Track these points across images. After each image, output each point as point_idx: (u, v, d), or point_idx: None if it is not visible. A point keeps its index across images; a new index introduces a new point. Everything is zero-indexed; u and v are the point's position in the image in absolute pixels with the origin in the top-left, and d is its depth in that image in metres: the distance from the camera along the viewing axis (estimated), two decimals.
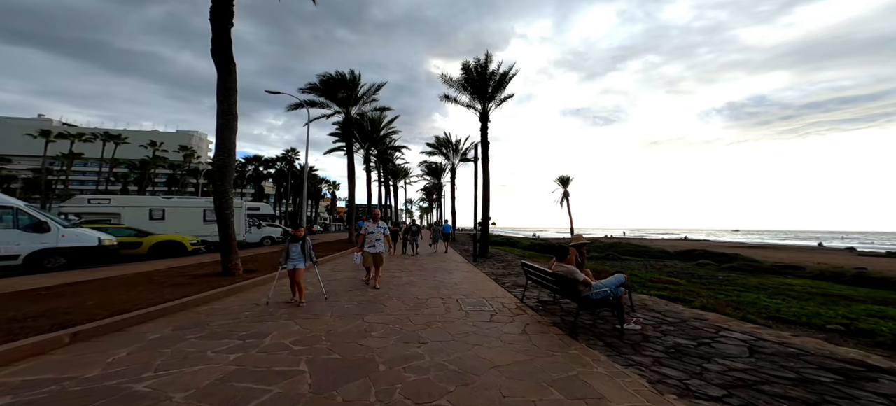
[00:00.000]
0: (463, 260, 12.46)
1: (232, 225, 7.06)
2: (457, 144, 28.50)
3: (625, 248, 23.48)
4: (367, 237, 6.58)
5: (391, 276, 8.21)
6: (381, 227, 6.67)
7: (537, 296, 6.23)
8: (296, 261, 5.17)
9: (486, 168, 15.51)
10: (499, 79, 16.29)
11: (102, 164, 46.58)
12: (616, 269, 15.36)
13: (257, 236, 16.28)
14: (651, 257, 20.35)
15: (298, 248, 5.22)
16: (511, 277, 8.39)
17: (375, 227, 6.63)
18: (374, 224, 6.63)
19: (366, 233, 6.62)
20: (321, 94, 20.48)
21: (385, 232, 6.68)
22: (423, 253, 14.82)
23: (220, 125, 7.22)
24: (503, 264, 11.29)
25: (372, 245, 6.56)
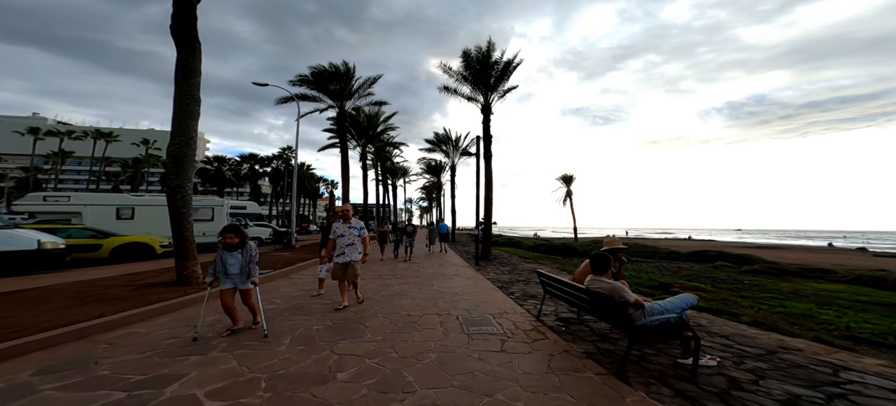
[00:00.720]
0: (463, 263, 11.35)
1: (189, 225, 5.94)
2: (457, 141, 27.37)
3: (633, 248, 22.36)
4: (337, 242, 4.96)
5: (381, 284, 7.09)
6: (354, 227, 5.03)
7: (555, 310, 5.11)
8: (234, 279, 3.65)
9: (488, 164, 14.40)
10: (502, 69, 15.17)
11: (94, 163, 45.45)
12: (625, 273, 14.21)
13: None
14: (662, 259, 19.27)
15: (237, 260, 3.66)
16: (519, 285, 7.27)
17: (347, 229, 4.97)
18: (344, 225, 5.01)
19: (335, 236, 4.98)
20: (313, 86, 19.38)
21: (361, 234, 5.05)
22: (419, 255, 13.70)
23: (177, 109, 6.11)
24: (508, 268, 10.18)
25: (341, 252, 4.92)
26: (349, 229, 5.02)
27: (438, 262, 11.29)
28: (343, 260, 4.95)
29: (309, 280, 7.53)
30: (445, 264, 10.86)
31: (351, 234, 5.00)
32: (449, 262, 11.32)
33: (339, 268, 4.99)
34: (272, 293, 5.98)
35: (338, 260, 4.96)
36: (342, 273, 4.98)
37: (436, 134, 27.80)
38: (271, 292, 6.05)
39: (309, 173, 58.05)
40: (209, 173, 45.83)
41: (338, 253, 4.96)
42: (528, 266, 10.72)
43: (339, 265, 4.97)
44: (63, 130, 42.11)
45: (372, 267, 9.59)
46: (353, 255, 4.97)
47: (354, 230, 5.03)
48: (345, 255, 4.94)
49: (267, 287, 6.58)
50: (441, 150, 28.46)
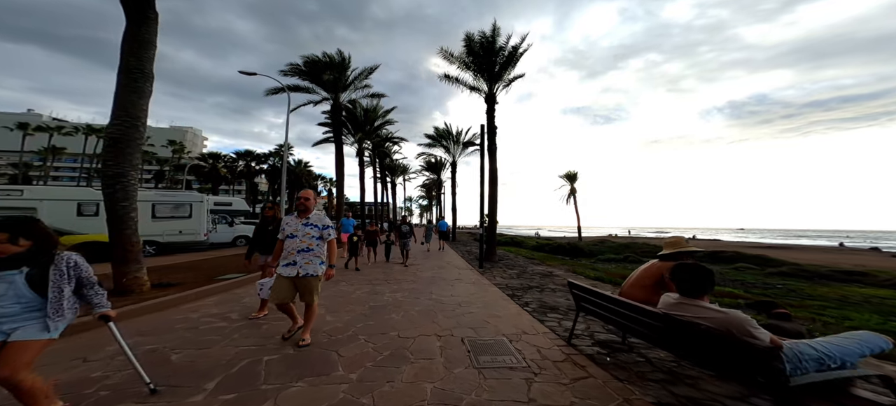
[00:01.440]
0: (466, 265, 10.25)
1: (131, 222, 4.84)
2: (458, 136, 26.23)
3: (643, 248, 21.29)
4: (285, 245, 3.34)
5: (370, 292, 5.99)
6: (314, 226, 3.35)
7: (587, 328, 4.02)
8: (12, 322, 1.75)
9: (492, 158, 13.28)
10: (507, 55, 14.04)
11: (84, 160, 44.35)
12: None
13: (229, 235, 14.06)
14: None
15: (17, 284, 1.76)
16: (533, 293, 6.17)
17: (302, 227, 3.32)
18: (298, 220, 3.35)
19: (284, 237, 3.36)
20: (306, 77, 18.24)
21: (326, 235, 3.41)
22: (416, 255, 12.60)
23: (121, 85, 5.02)
24: (516, 271, 9.08)
25: (289, 261, 3.26)
26: (305, 227, 3.31)
27: (438, 264, 10.20)
28: (291, 272, 3.22)
29: None
30: (446, 266, 9.76)
31: (308, 234, 3.29)
32: (450, 264, 10.23)
33: (284, 285, 3.21)
34: (233, 304, 4.88)
35: (283, 272, 3.24)
36: (287, 292, 3.23)
37: (436, 129, 26.68)
38: (233, 303, 4.96)
39: (306, 171, 56.95)
40: (204, 170, 44.73)
41: (284, 261, 3.28)
42: (538, 269, 9.62)
43: (283, 281, 3.22)
44: (52, 126, 41.01)
45: (362, 271, 8.49)
46: (311, 267, 3.25)
47: (315, 229, 3.33)
48: (295, 265, 3.22)
49: (230, 296, 5.48)
50: (441, 145, 27.33)
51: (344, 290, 6.01)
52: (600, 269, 12.29)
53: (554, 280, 7.62)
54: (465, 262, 10.82)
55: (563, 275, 8.51)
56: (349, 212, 10.94)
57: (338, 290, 5.98)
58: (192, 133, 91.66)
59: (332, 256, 3.45)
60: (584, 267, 12.97)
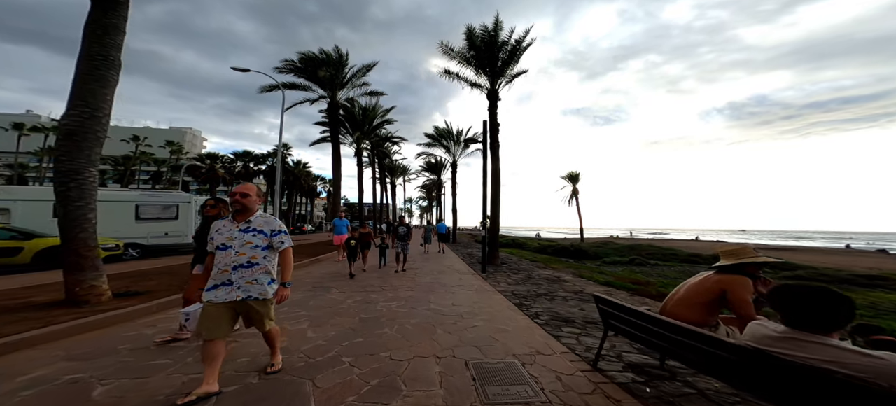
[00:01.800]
0: (467, 269, 9.67)
1: (87, 224, 4.26)
2: (458, 135, 25.70)
3: (648, 250, 20.70)
4: (217, 258, 2.36)
5: (362, 301, 5.41)
6: (259, 231, 2.42)
7: (612, 346, 3.43)
8: None
9: (495, 156, 12.72)
10: (510, 50, 13.51)
11: None
12: (645, 277, 12.51)
13: None
14: (683, 262, 17.59)
15: None
16: (543, 302, 5.59)
17: (238, 233, 2.38)
18: (233, 224, 2.42)
19: (213, 248, 2.40)
20: (302, 74, 17.72)
21: (278, 242, 2.48)
22: (415, 257, 12.02)
23: (82, 71, 4.47)
24: (522, 276, 8.49)
25: (222, 280, 2.31)
26: (244, 234, 2.36)
27: (437, 268, 9.61)
28: (226, 296, 2.29)
29: None
30: (446, 270, 9.18)
31: (248, 244, 2.35)
32: (450, 268, 9.64)
33: (215, 314, 2.27)
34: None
35: (213, 296, 2.29)
36: (222, 325, 2.28)
37: (436, 128, 26.17)
38: None
39: (305, 171, 56.49)
40: (201, 171, 44.20)
41: (215, 281, 2.31)
42: (543, 274, 9.03)
43: (214, 309, 2.27)
44: (49, 126, 40.45)
45: (356, 277, 7.91)
46: (256, 287, 2.35)
47: (259, 236, 2.39)
48: (230, 285, 2.30)
49: None
50: (442, 145, 26.80)
51: (333, 300, 5.43)
52: (608, 273, 11.71)
53: (563, 286, 7.04)
54: (467, 266, 10.24)
55: (571, 280, 7.92)
56: (343, 212, 10.19)
57: (326, 300, 5.40)
58: (192, 134, 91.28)
59: (288, 271, 2.50)
60: (591, 270, 12.39)
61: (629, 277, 10.04)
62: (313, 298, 5.46)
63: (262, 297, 2.42)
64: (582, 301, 5.65)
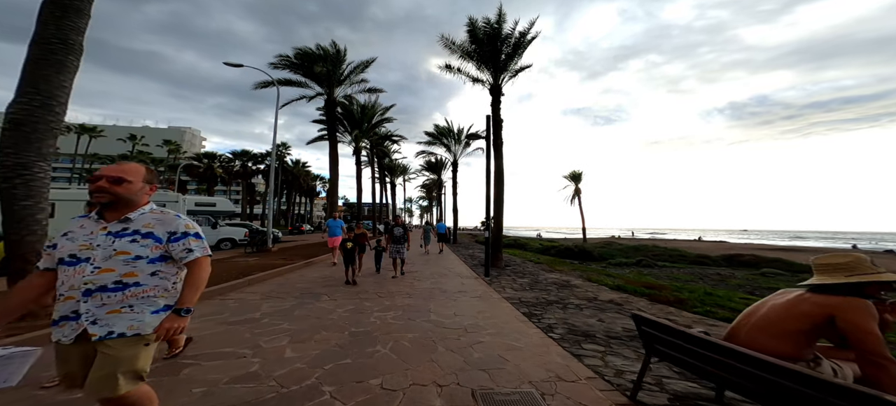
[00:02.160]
0: (469, 272, 9.14)
1: (36, 227, 3.74)
2: (459, 134, 25.19)
3: (654, 251, 20.16)
4: (60, 277, 1.44)
5: (354, 312, 4.87)
6: (147, 235, 1.52)
7: (655, 373, 2.89)
8: None
9: (498, 153, 12.18)
10: (514, 44, 12.98)
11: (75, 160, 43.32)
12: (655, 279, 11.95)
13: (212, 238, 12.97)
14: (692, 263, 17.05)
15: None
16: (555, 311, 5.05)
17: (103, 238, 1.47)
18: (96, 224, 1.50)
19: (53, 263, 1.48)
20: (297, 70, 17.16)
21: (183, 250, 1.56)
22: (415, 260, 11.49)
23: (34, 55, 3.96)
24: (528, 280, 7.96)
25: (65, 313, 1.40)
26: (114, 239, 1.48)
27: (438, 271, 9.08)
28: (72, 334, 1.41)
29: (236, 309, 5.32)
30: (447, 274, 8.65)
31: (124, 254, 1.47)
32: (451, 271, 9.11)
33: (67, 356, 1.44)
34: None
35: (58, 333, 1.42)
36: (73, 369, 1.44)
37: (436, 126, 25.64)
38: None
39: (305, 171, 56.01)
40: (198, 171, 43.71)
41: (59, 312, 1.43)
42: (550, 277, 8.50)
43: (66, 351, 1.44)
44: None
45: (351, 283, 7.39)
46: (119, 320, 1.44)
47: (145, 242, 1.51)
48: (76, 318, 1.41)
49: None
50: (442, 143, 26.27)
51: (322, 309, 4.89)
52: (616, 276, 11.18)
53: (574, 292, 6.50)
54: (468, 269, 9.70)
55: (581, 285, 7.39)
56: (339, 212, 9.37)
57: (315, 309, 4.86)
58: (191, 133, 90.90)
59: (192, 293, 1.55)
60: (599, 273, 11.86)
61: (641, 281, 9.50)
62: (300, 307, 4.93)
63: (129, 334, 1.44)
64: (598, 310, 5.12)
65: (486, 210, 9.23)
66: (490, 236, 8.83)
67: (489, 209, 9.40)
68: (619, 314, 4.91)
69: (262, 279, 7.04)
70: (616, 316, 4.81)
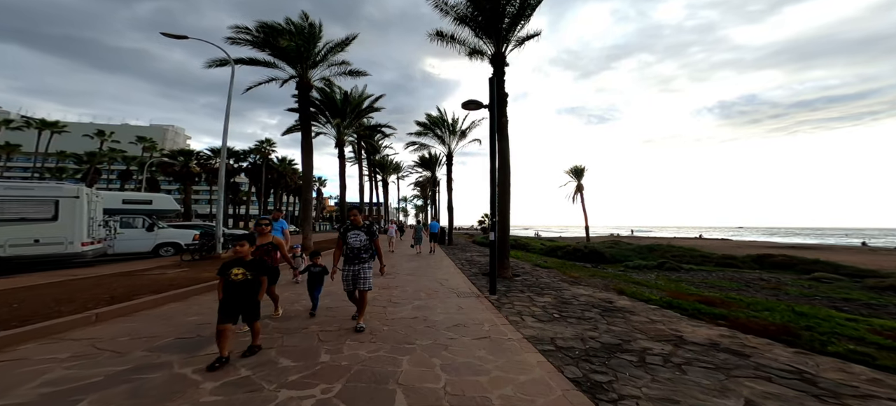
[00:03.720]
0: (468, 285, 6.84)
1: None
2: (454, 124, 22.87)
3: (672, 251, 18.08)
4: None
5: (301, 363, 2.50)
6: None
7: None
8: None
9: (502, 135, 9.81)
10: (519, 6, 10.69)
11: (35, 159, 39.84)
12: (693, 286, 9.83)
13: (147, 243, 10.45)
14: (719, 265, 15.02)
15: None
16: (629, 371, 2.76)
17: None
18: None
19: None
20: (262, 47, 14.57)
21: None
22: (399, 264, 9.14)
23: None
24: (551, 298, 5.67)
25: None
26: None
27: (426, 285, 6.77)
28: None
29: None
30: (438, 290, 6.32)
31: None
32: (444, 285, 6.80)
33: None
34: None
35: None
36: None
37: (428, 116, 23.24)
38: None
39: (291, 168, 53.10)
40: (173, 169, 40.59)
41: None
42: (580, 293, 6.23)
43: None
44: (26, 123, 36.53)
45: (277, 320, 5.04)
46: None
47: None
48: None
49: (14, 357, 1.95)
50: (435, 135, 23.87)
51: (161, 394, 2.51)
52: (650, 284, 9.01)
53: (632, 323, 4.23)
54: (466, 281, 7.39)
55: (633, 308, 5.12)
56: (278, 212, 6.22)
57: (147, 401, 2.49)
58: (174, 132, 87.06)
59: None
60: (620, 279, 9.69)
61: (687, 293, 7.33)
62: (112, 388, 2.53)
63: None
64: (710, 368, 2.84)
65: (491, 204, 6.92)
66: (496, 238, 6.50)
67: (494, 203, 7.08)
68: (759, 375, 2.64)
69: (139, 308, 4.62)
70: (757, 381, 2.53)
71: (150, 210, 10.65)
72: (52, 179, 39.09)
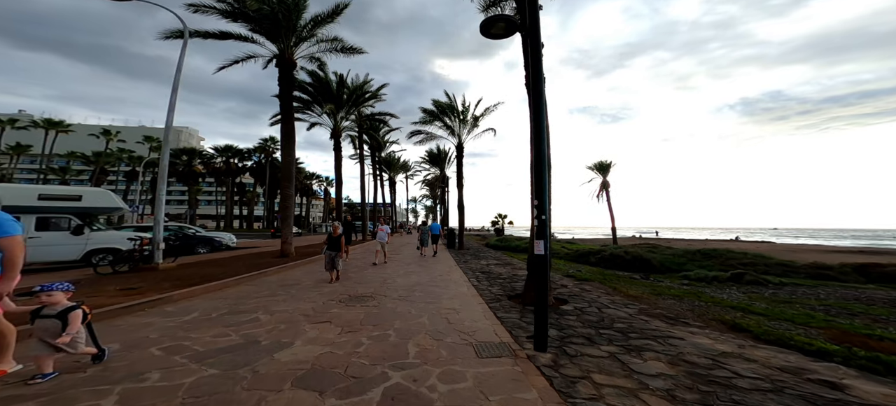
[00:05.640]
0: (491, 323, 4.09)
1: None
2: (465, 111, 20.06)
3: (735, 258, 14.62)
4: None
5: None
6: None
7: None
8: None
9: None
10: None
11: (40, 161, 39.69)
12: (802, 306, 6.88)
13: (75, 250, 8.19)
14: (813, 278, 11.61)
15: None
16: None
17: None
18: None
19: None
20: (235, 18, 12.13)
21: None
22: (399, 264, 6.44)
23: None
24: (669, 362, 2.82)
25: None
26: None
27: (424, 312, 4.08)
28: None
29: None
30: (442, 337, 3.60)
31: None
32: (452, 323, 4.08)
33: None
34: None
35: None
36: None
37: (435, 102, 20.45)
38: None
39: (297, 168, 51.61)
40: (177, 169, 39.57)
41: None
42: (704, 344, 3.35)
43: None
44: (3, 120, 36.35)
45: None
46: None
47: None
48: None
49: None
50: (444, 124, 21.09)
51: None
52: (742, 305, 6.03)
53: None
54: (487, 313, 4.62)
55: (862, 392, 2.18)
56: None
57: None
58: (188, 133, 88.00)
59: None
60: (705, 301, 6.72)
61: (855, 333, 4.33)
62: None
63: None
64: None
65: (532, 192, 4.13)
66: (545, 247, 3.58)
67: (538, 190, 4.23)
68: None
69: None
70: None
71: (78, 208, 8.40)
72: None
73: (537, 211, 3.62)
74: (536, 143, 3.84)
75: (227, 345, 3.29)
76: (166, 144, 8.90)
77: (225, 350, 3.15)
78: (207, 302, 5.03)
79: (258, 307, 4.76)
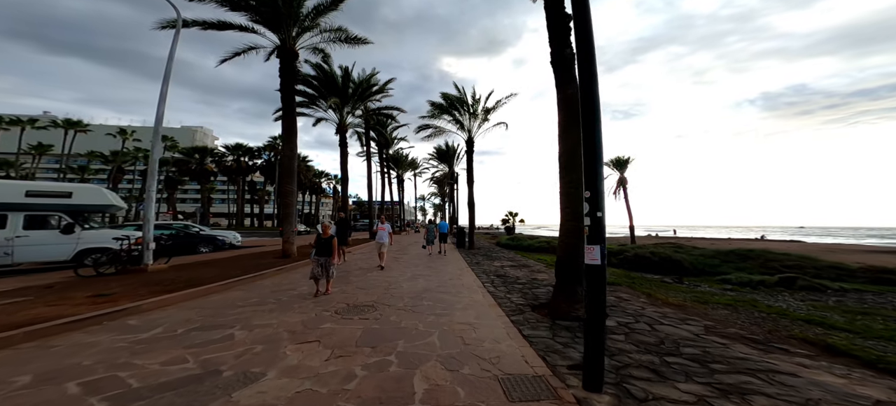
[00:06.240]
0: (516, 347, 3.26)
1: None
2: (475, 103, 19.12)
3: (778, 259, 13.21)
4: None
5: None
6: None
7: None
8: None
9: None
10: None
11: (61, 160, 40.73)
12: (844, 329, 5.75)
13: (65, 250, 7.72)
14: (877, 284, 10.24)
15: None
16: None
17: None
18: None
19: None
20: (232, 7, 11.48)
21: None
22: (403, 264, 5.66)
23: None
24: None
25: None
26: None
27: (433, 330, 3.26)
28: None
29: None
30: (458, 366, 2.76)
31: None
32: (469, 345, 3.25)
33: None
34: None
35: None
36: None
37: (444, 94, 19.58)
38: None
39: (306, 166, 51.67)
40: (189, 167, 39.99)
41: None
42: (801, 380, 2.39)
43: None
44: (24, 120, 37.43)
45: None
46: None
47: None
48: None
49: None
50: (454, 118, 20.20)
51: None
52: (813, 317, 4.98)
53: None
54: (510, 330, 3.76)
55: None
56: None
57: None
58: (202, 132, 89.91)
59: None
60: (763, 311, 5.67)
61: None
62: None
63: None
64: None
65: (584, 176, 3.24)
66: (601, 254, 2.66)
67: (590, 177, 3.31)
68: None
69: None
70: None
71: (69, 206, 7.93)
72: None
73: (590, 206, 2.68)
74: (587, 119, 2.86)
75: (176, 377, 2.52)
76: (157, 137, 8.35)
77: (168, 386, 2.38)
78: (182, 312, 4.33)
79: (237, 320, 4.02)
